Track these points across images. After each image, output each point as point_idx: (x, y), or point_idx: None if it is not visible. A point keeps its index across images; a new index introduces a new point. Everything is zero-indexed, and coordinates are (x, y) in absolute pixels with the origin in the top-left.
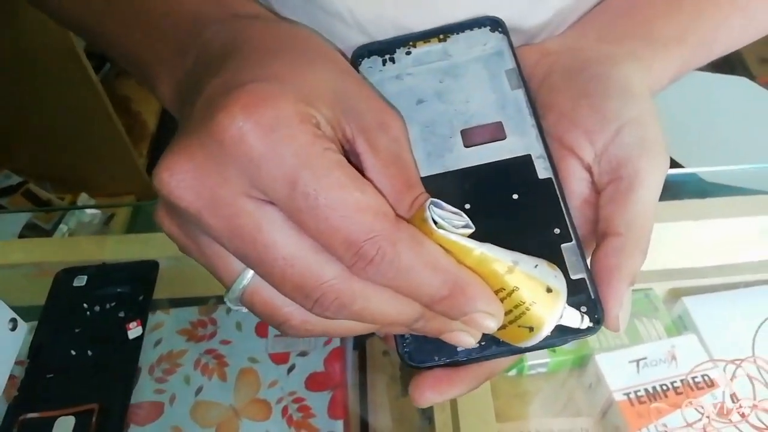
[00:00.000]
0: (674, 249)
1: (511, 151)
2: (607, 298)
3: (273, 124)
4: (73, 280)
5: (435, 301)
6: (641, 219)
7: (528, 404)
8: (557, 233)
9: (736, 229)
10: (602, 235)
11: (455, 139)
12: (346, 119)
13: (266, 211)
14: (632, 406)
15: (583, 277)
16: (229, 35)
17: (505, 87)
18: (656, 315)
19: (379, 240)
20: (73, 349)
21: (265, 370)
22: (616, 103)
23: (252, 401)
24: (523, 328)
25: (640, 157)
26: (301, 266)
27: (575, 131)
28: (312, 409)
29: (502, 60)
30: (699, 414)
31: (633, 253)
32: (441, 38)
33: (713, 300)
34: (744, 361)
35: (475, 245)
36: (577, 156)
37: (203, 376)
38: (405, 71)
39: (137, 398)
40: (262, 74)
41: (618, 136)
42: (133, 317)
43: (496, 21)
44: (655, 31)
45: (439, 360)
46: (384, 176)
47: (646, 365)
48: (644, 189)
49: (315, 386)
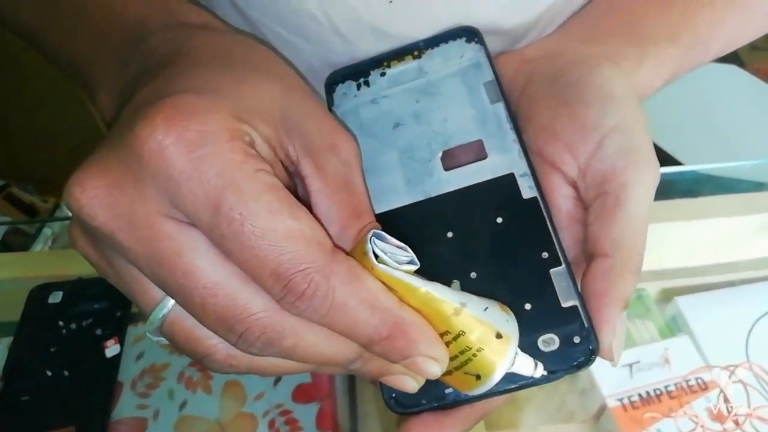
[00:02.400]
0: (666, 249)
1: (494, 171)
2: (600, 326)
3: (197, 140)
4: (48, 297)
5: (373, 342)
6: (631, 237)
7: (520, 411)
8: (545, 257)
9: (728, 228)
10: (590, 257)
11: (435, 162)
12: (290, 139)
13: (188, 235)
14: (626, 412)
15: (575, 305)
16: (173, 44)
17: (484, 101)
18: (649, 316)
19: (311, 272)
20: (48, 370)
21: (251, 383)
22: (595, 111)
23: (238, 415)
24: (470, 375)
25: (625, 170)
26: (224, 296)
27: (556, 144)
28: (300, 421)
29: (479, 72)
30: (693, 423)
31: (623, 275)
32: (415, 55)
33: (706, 299)
34: (738, 366)
35: (420, 283)
36: (560, 171)
37: (187, 390)
38: (380, 94)
39: (119, 414)
40: (196, 85)
41: (600, 148)
42: (111, 335)
43: (471, 31)
44: (645, 30)
45: (427, 404)
46: (330, 202)
47: (640, 369)
48: (632, 204)
49: (302, 398)
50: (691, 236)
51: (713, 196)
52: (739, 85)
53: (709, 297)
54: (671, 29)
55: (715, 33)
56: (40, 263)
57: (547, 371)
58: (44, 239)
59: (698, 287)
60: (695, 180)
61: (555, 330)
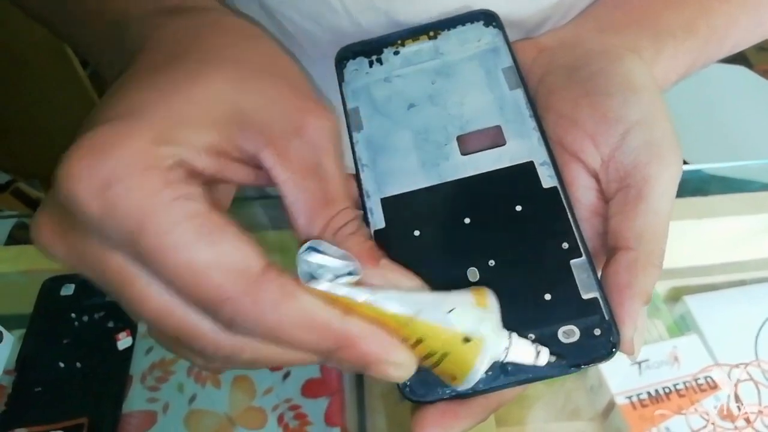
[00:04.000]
0: (675, 247)
1: (513, 158)
2: (620, 320)
3: (109, 178)
4: (60, 289)
5: (325, 355)
6: (653, 230)
7: (528, 408)
8: (566, 248)
9: (737, 227)
10: (612, 250)
11: (451, 146)
12: (243, 133)
13: (132, 265)
14: (634, 410)
15: (595, 297)
16: (142, 39)
17: (502, 87)
18: (658, 315)
19: (235, 302)
20: (61, 362)
21: (259, 377)
22: (620, 103)
23: (247, 409)
24: (445, 375)
25: (649, 164)
26: (176, 320)
27: (578, 134)
28: (308, 416)
29: (498, 57)
30: (704, 421)
31: (646, 269)
32: (431, 35)
33: (715, 298)
34: (749, 365)
35: (360, 294)
36: (582, 162)
37: (197, 384)
38: (393, 73)
39: (129, 407)
40: (123, 108)
41: (624, 141)
42: (123, 327)
43: (490, 15)
44: (662, 21)
45: (443, 394)
46: (297, 191)
47: (648, 367)
48: (655, 197)
49: (311, 393)
50: (701, 235)
51: (723, 195)
52: (747, 86)
53: (717, 296)
54: (688, 22)
55: (730, 29)
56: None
57: (568, 363)
58: None
59: (707, 286)
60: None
61: (575, 322)
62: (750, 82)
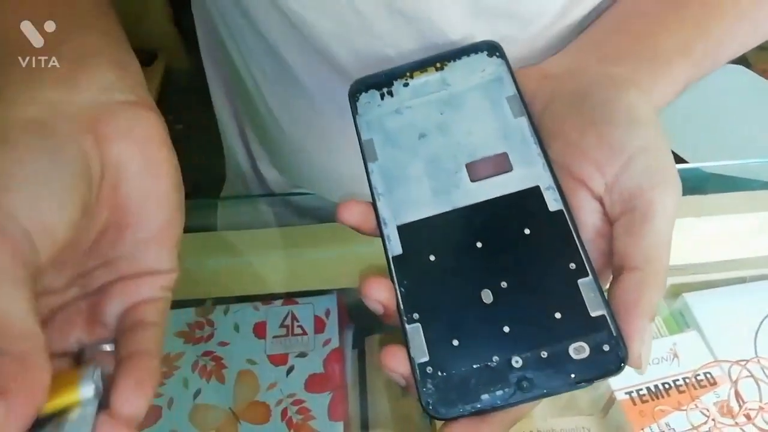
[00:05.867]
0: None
1: (519, 184)
2: (630, 336)
3: None
4: None
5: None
6: (658, 251)
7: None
8: (573, 268)
9: (736, 225)
10: (619, 269)
11: (461, 174)
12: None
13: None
14: (635, 405)
15: (603, 314)
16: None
17: (507, 115)
18: (657, 311)
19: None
20: None
21: (263, 372)
22: (624, 132)
23: (251, 404)
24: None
25: (652, 188)
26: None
27: (584, 161)
28: (312, 411)
29: (502, 86)
30: (704, 417)
31: (652, 288)
32: (438, 67)
33: (714, 296)
34: (749, 362)
35: None
36: (587, 186)
37: (201, 379)
38: (404, 104)
39: None
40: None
41: (628, 167)
42: None
43: (493, 45)
44: (659, 47)
45: (464, 410)
46: None
47: (648, 363)
48: (659, 220)
49: (314, 388)
50: (700, 233)
51: (722, 194)
52: (746, 86)
53: (717, 293)
54: (684, 44)
55: (725, 44)
56: None
57: (580, 379)
58: None
59: (706, 284)
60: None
61: (585, 338)
62: (749, 81)
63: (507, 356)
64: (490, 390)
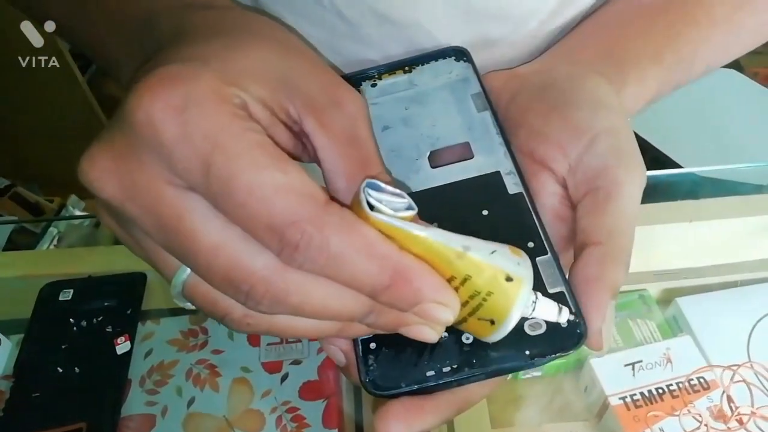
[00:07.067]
0: (667, 250)
1: (480, 170)
2: (589, 310)
3: (183, 104)
4: (59, 294)
5: (377, 292)
6: (622, 230)
7: (523, 409)
8: (531, 247)
9: (729, 229)
10: (581, 246)
11: (422, 161)
12: (290, 99)
13: (188, 198)
14: (628, 411)
15: (561, 291)
16: (176, 27)
17: (471, 110)
18: (650, 316)
19: (304, 224)
20: (59, 367)
21: (258, 380)
22: (588, 113)
23: (245, 412)
24: (484, 321)
25: (617, 167)
26: (227, 256)
27: (547, 145)
28: (306, 418)
29: (467, 85)
30: (697, 422)
31: (615, 263)
32: (406, 70)
33: (707, 300)
34: (741, 366)
35: (418, 229)
36: (550, 169)
37: (195, 387)
38: (371, 102)
39: (128, 411)
40: (185, 55)
41: (592, 146)
42: (121, 332)
43: (460, 51)
44: (628, 51)
45: (406, 386)
46: (337, 155)
47: (642, 368)
48: (623, 199)
49: (309, 395)
50: (693, 237)
51: (714, 198)
52: (738, 89)
53: (710, 298)
54: (654, 50)
55: (699, 51)
56: (49, 261)
57: (535, 355)
58: (50, 238)
59: (699, 288)
60: (695, 182)
61: None
62: (741, 85)
63: (458, 332)
64: (437, 366)
